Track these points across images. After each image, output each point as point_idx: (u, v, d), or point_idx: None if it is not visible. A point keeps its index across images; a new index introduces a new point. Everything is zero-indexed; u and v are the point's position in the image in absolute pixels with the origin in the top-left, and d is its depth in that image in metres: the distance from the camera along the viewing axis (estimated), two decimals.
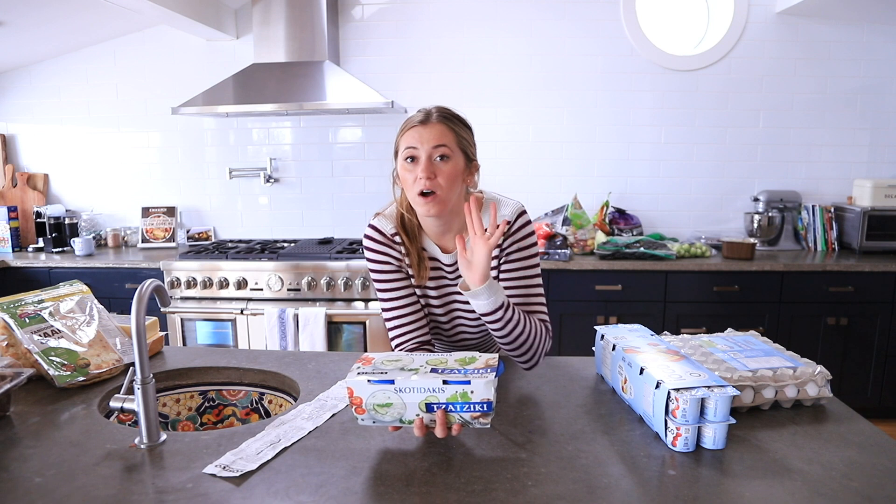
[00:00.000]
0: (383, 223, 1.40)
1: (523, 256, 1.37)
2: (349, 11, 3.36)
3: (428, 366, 1.07)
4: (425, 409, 1.04)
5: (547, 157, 3.40)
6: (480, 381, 1.01)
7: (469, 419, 1.04)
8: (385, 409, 1.05)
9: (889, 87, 3.30)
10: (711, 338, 1.43)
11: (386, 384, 1.03)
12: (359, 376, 1.05)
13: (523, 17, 3.30)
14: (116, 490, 0.94)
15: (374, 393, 1.04)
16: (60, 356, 1.34)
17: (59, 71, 3.52)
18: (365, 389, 1.04)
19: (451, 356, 1.11)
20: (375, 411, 1.05)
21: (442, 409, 1.03)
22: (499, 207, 1.36)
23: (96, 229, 3.60)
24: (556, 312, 2.93)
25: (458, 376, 1.02)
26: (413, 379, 1.03)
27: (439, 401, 1.03)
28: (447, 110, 1.32)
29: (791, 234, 3.31)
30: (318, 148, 3.50)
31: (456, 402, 1.02)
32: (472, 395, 1.02)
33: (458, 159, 1.29)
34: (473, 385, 1.01)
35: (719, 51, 3.26)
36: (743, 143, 3.36)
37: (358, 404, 1.05)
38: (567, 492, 0.93)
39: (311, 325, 2.85)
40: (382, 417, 1.06)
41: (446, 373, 1.04)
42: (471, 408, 1.03)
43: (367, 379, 1.04)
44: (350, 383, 1.05)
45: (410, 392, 1.03)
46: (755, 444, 1.07)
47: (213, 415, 1.49)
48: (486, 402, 1.02)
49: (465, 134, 1.31)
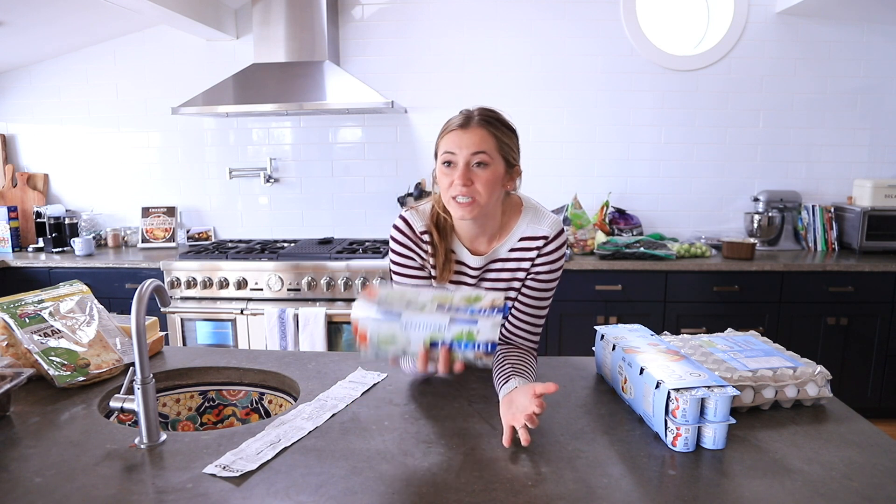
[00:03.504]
0: (414, 218, 1.36)
1: (549, 279, 1.35)
2: (349, 11, 3.36)
3: (434, 302, 1.05)
4: (429, 346, 1.03)
5: (547, 157, 3.40)
6: (487, 322, 1.01)
7: (472, 357, 1.04)
8: (389, 343, 1.04)
9: (889, 87, 3.30)
10: (711, 338, 1.43)
11: (393, 319, 1.02)
12: (365, 310, 1.04)
13: (523, 17, 3.30)
14: (116, 490, 0.94)
15: (380, 327, 1.03)
16: (60, 356, 1.34)
17: (59, 71, 3.52)
18: (371, 324, 1.03)
19: (456, 293, 1.09)
20: (380, 346, 1.05)
21: (445, 347, 1.03)
22: (538, 221, 1.33)
23: (96, 229, 3.60)
24: (557, 312, 2.93)
25: (465, 315, 1.01)
26: (420, 316, 1.02)
27: (444, 339, 1.02)
28: (489, 113, 1.26)
29: (791, 234, 3.31)
30: (318, 148, 3.50)
31: (461, 340, 1.02)
32: (478, 336, 1.02)
33: (498, 165, 1.24)
34: (480, 325, 1.01)
35: (719, 51, 3.26)
36: (743, 143, 3.36)
37: (363, 337, 1.05)
38: (567, 492, 0.93)
39: (311, 325, 2.85)
40: (385, 352, 1.06)
41: (452, 311, 1.02)
42: (475, 347, 1.02)
43: (375, 312, 1.03)
44: (356, 316, 1.04)
45: (416, 328, 1.02)
46: (755, 444, 1.07)
47: (213, 415, 1.49)
48: (491, 343, 1.02)
49: (507, 139, 1.25)
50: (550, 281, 1.36)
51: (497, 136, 1.23)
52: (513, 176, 1.29)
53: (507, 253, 1.34)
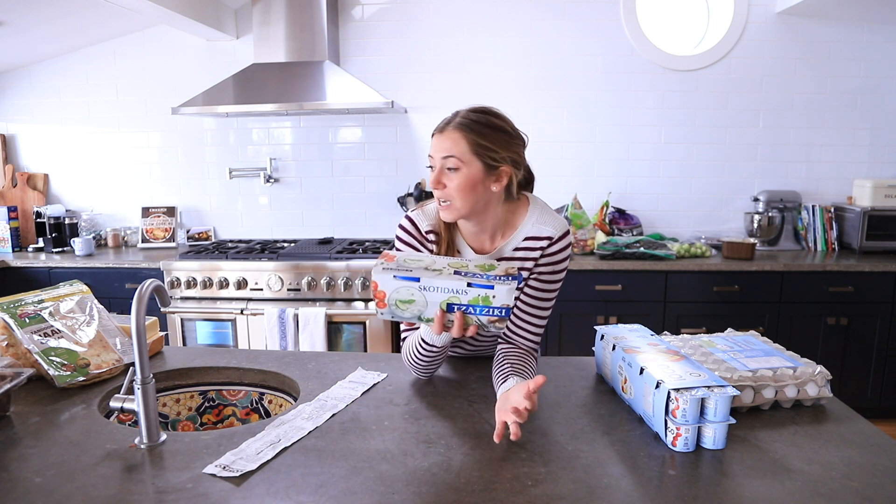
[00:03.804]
0: (420, 218, 1.36)
1: (552, 280, 1.35)
2: (349, 11, 3.36)
3: (450, 268, 1.09)
4: (445, 309, 1.07)
5: (547, 157, 3.40)
6: (503, 288, 1.04)
7: (486, 322, 1.07)
8: (407, 305, 1.08)
9: (889, 87, 3.30)
10: (711, 338, 1.43)
11: (412, 281, 1.06)
12: (384, 272, 1.07)
13: (523, 17, 3.30)
14: (116, 490, 0.94)
15: (399, 289, 1.07)
16: (60, 356, 1.34)
17: (59, 71, 3.52)
18: (390, 284, 1.06)
19: (471, 262, 1.13)
20: (397, 307, 1.08)
21: (460, 311, 1.06)
22: (543, 222, 1.32)
23: (96, 229, 3.60)
24: (557, 312, 2.93)
25: (482, 281, 1.04)
26: (438, 279, 1.05)
27: (461, 302, 1.06)
28: (471, 115, 1.23)
29: (791, 234, 3.31)
30: (318, 148, 3.50)
31: (477, 304, 1.05)
32: (494, 300, 1.05)
33: (472, 168, 1.21)
34: (496, 290, 1.04)
35: (719, 51, 3.26)
36: (743, 143, 3.36)
37: (381, 298, 1.08)
38: (567, 492, 0.93)
39: (311, 325, 2.85)
40: (402, 313, 1.09)
41: (469, 276, 1.06)
42: (490, 312, 1.06)
43: (394, 275, 1.06)
44: (376, 278, 1.07)
45: (434, 291, 1.06)
46: (755, 444, 1.07)
47: (213, 415, 1.49)
48: (506, 308, 1.05)
49: (487, 140, 1.21)
50: (553, 282, 1.36)
51: (472, 138, 1.20)
52: (499, 177, 1.24)
53: (511, 252, 1.33)
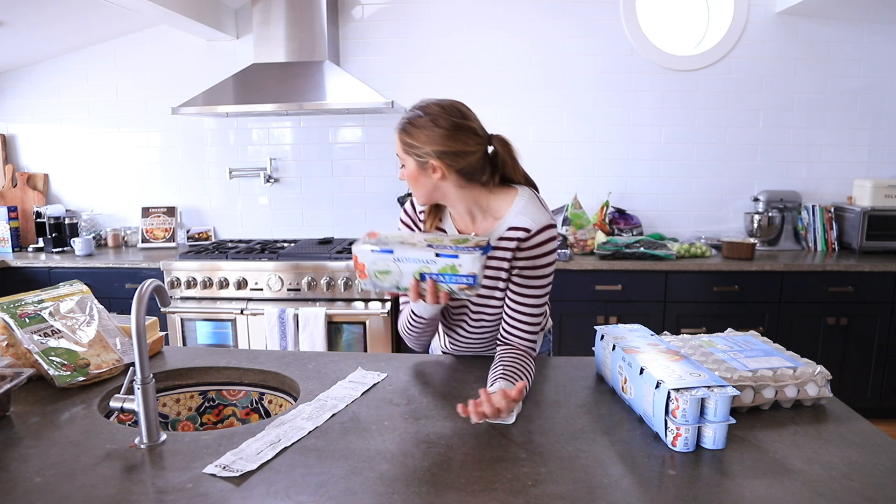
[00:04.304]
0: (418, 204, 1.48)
1: (533, 276, 1.36)
2: (349, 11, 3.36)
3: (425, 242, 1.19)
4: (419, 278, 1.17)
5: (547, 157, 3.40)
6: (468, 257, 1.13)
7: (456, 290, 1.17)
8: (384, 275, 1.20)
9: (889, 87, 3.30)
10: (711, 338, 1.43)
11: (386, 253, 1.17)
12: (364, 245, 1.19)
13: (523, 17, 3.30)
14: (116, 490, 0.94)
15: (376, 261, 1.18)
16: (60, 356, 1.34)
17: (59, 71, 3.52)
18: (368, 257, 1.19)
19: (446, 237, 1.24)
20: (376, 277, 1.20)
21: (432, 279, 1.17)
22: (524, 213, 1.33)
23: (96, 229, 3.60)
24: (557, 312, 2.93)
25: (449, 251, 1.14)
26: (410, 251, 1.16)
27: (431, 271, 1.16)
28: (406, 114, 1.32)
29: (791, 234, 3.31)
30: (318, 148, 3.50)
31: (446, 273, 1.15)
32: (460, 269, 1.14)
33: (409, 164, 1.32)
34: (461, 259, 1.13)
35: (719, 51, 3.26)
36: (743, 143, 3.36)
37: (361, 270, 1.21)
38: (567, 492, 0.93)
39: (311, 325, 2.85)
40: (382, 283, 1.21)
41: (438, 248, 1.16)
42: (458, 279, 1.15)
43: (371, 248, 1.18)
44: (356, 251, 1.20)
45: (407, 262, 1.17)
46: (755, 444, 1.07)
47: (213, 415, 1.49)
48: (472, 276, 1.14)
49: (412, 138, 1.29)
50: (536, 277, 1.36)
51: (401, 137, 1.31)
52: (435, 169, 1.30)
53: (496, 241, 1.36)
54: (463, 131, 1.29)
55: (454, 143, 1.28)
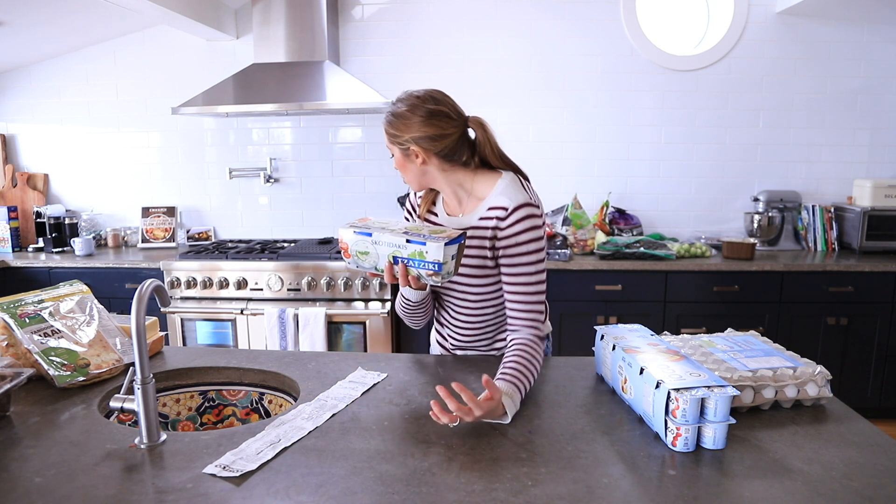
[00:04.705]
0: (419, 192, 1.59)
1: (516, 253, 1.37)
2: (349, 11, 3.36)
3: (402, 229, 1.32)
4: (392, 261, 1.31)
5: (547, 157, 3.40)
6: (434, 245, 1.24)
7: (424, 275, 1.29)
8: (364, 255, 1.34)
9: (889, 87, 3.30)
10: (711, 338, 1.43)
11: (365, 236, 1.32)
12: (349, 228, 1.34)
13: (523, 17, 3.30)
14: (116, 490, 0.94)
15: (357, 242, 1.34)
16: (60, 356, 1.34)
17: (59, 71, 3.52)
18: (351, 238, 1.34)
19: (427, 227, 1.35)
20: (357, 257, 1.35)
21: (403, 263, 1.30)
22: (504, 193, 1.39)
23: (96, 229, 3.60)
24: (557, 312, 2.93)
25: (419, 238, 1.27)
26: (386, 236, 1.29)
27: (402, 255, 1.29)
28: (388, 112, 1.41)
29: (791, 234, 3.31)
30: (318, 148, 3.50)
31: (414, 258, 1.28)
32: (427, 255, 1.26)
33: (396, 153, 1.42)
34: (428, 247, 1.25)
35: (719, 51, 3.26)
36: (743, 143, 3.36)
37: (345, 249, 1.36)
38: (567, 492, 0.93)
39: (311, 325, 2.85)
40: (363, 263, 1.35)
41: (410, 234, 1.28)
42: (425, 265, 1.27)
43: (354, 231, 1.33)
44: (341, 232, 1.36)
45: (382, 245, 1.31)
46: (755, 444, 1.07)
47: (213, 415, 1.49)
48: (437, 263, 1.25)
49: (393, 128, 1.39)
50: (519, 255, 1.37)
51: (387, 130, 1.41)
52: (417, 154, 1.39)
53: (477, 221, 1.43)
54: (437, 116, 1.37)
55: (430, 128, 1.37)
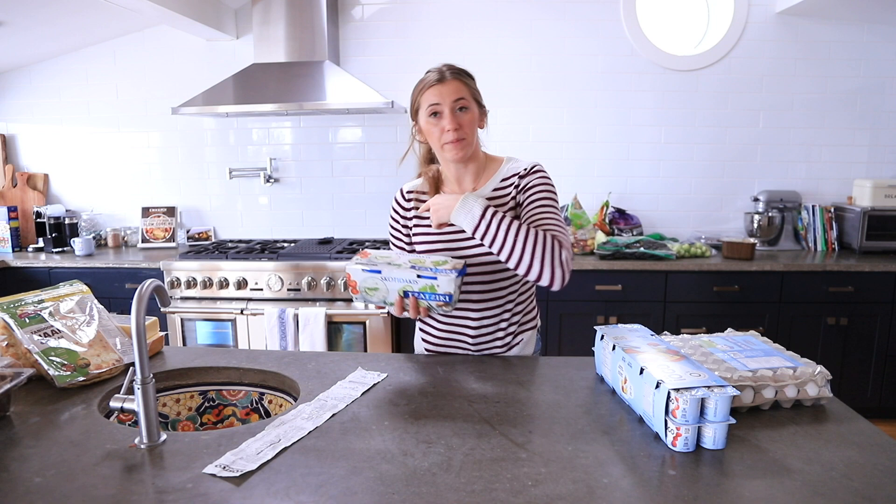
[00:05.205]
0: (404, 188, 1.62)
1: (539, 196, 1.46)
2: (349, 11, 3.36)
3: (409, 263, 1.36)
4: (403, 295, 1.36)
5: (547, 157, 3.40)
6: (444, 278, 1.31)
7: (435, 306, 1.36)
8: (373, 291, 1.38)
9: (889, 87, 3.30)
10: (711, 338, 1.43)
11: (375, 273, 1.36)
12: (356, 265, 1.38)
13: (523, 17, 3.30)
14: (116, 490, 0.94)
15: (366, 279, 1.37)
16: (60, 356, 1.34)
17: (59, 71, 3.52)
18: (360, 276, 1.38)
19: (428, 258, 1.40)
20: (366, 293, 1.39)
21: (414, 297, 1.35)
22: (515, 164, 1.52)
23: (96, 229, 3.60)
24: (556, 312, 2.93)
25: (429, 273, 1.32)
26: (396, 272, 1.34)
27: (413, 289, 1.35)
28: (456, 67, 1.46)
29: (791, 234, 3.31)
30: (318, 148, 3.50)
31: (426, 291, 1.34)
32: (438, 288, 1.32)
33: (474, 108, 1.46)
34: (439, 280, 1.31)
35: (719, 51, 3.26)
36: (743, 143, 3.36)
37: (353, 286, 1.40)
38: (567, 492, 0.93)
39: (311, 325, 2.85)
40: (371, 298, 1.39)
41: (420, 269, 1.34)
42: (436, 297, 1.34)
43: (362, 268, 1.37)
44: (349, 270, 1.39)
45: (392, 281, 1.35)
46: (755, 444, 1.07)
47: (213, 415, 1.49)
48: (448, 294, 1.33)
49: (474, 85, 1.48)
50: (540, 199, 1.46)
51: (468, 84, 1.46)
52: (483, 115, 1.50)
53: (491, 192, 1.51)
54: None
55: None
